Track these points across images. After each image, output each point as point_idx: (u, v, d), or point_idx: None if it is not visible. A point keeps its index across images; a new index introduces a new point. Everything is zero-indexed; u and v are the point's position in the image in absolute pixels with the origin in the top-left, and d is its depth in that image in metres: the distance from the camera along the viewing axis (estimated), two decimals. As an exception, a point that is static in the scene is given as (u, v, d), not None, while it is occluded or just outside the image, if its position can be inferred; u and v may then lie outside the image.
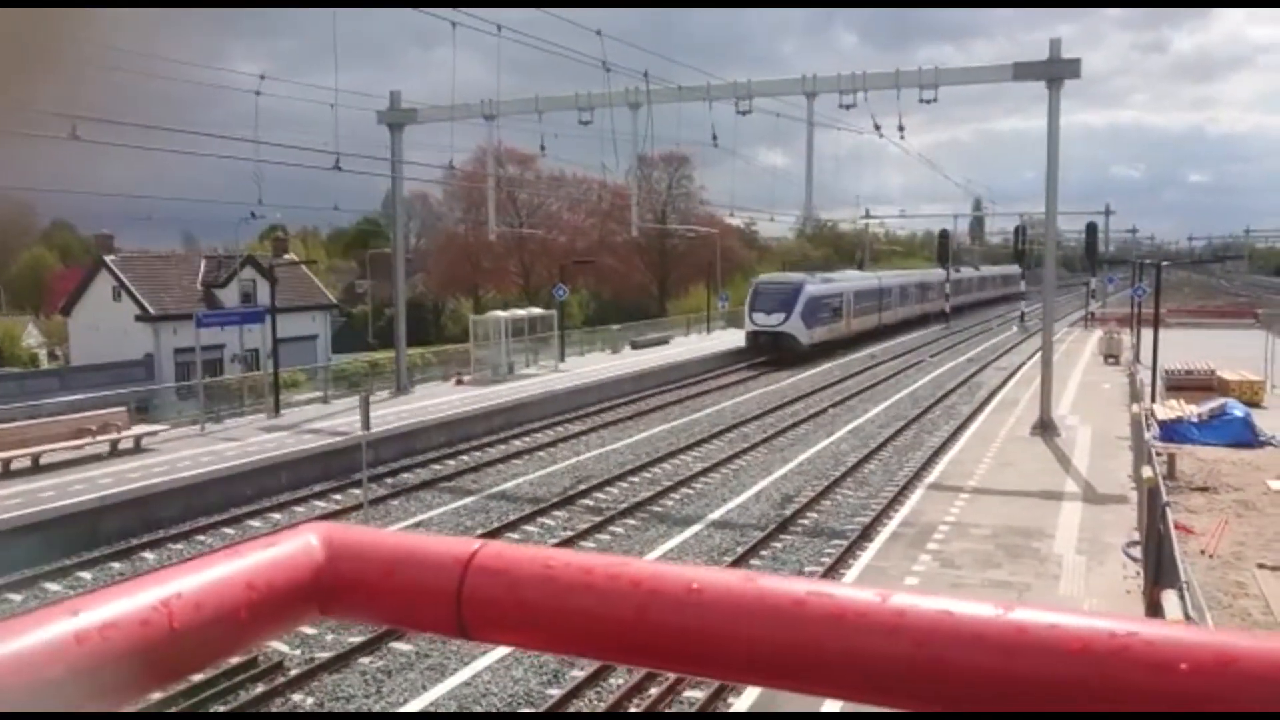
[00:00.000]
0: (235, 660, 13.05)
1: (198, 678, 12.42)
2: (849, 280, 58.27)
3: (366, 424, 20.03)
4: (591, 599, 0.83)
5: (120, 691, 0.76)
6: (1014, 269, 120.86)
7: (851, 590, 0.79)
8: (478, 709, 11.87)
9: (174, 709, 11.85)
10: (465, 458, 26.02)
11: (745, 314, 48.99)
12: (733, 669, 0.81)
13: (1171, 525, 12.76)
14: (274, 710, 12.15)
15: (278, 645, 13.66)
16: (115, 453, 22.92)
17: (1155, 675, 0.67)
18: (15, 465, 21.01)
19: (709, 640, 0.79)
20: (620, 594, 0.83)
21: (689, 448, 26.70)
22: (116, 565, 17.39)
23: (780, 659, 0.78)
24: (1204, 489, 19.52)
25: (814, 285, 49.65)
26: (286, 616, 0.90)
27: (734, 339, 50.62)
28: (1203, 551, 15.51)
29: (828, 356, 48.74)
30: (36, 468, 21.25)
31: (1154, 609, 10.85)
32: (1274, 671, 0.65)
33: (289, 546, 0.92)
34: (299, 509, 21.07)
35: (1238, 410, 24.54)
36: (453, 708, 11.91)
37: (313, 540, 0.93)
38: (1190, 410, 25.19)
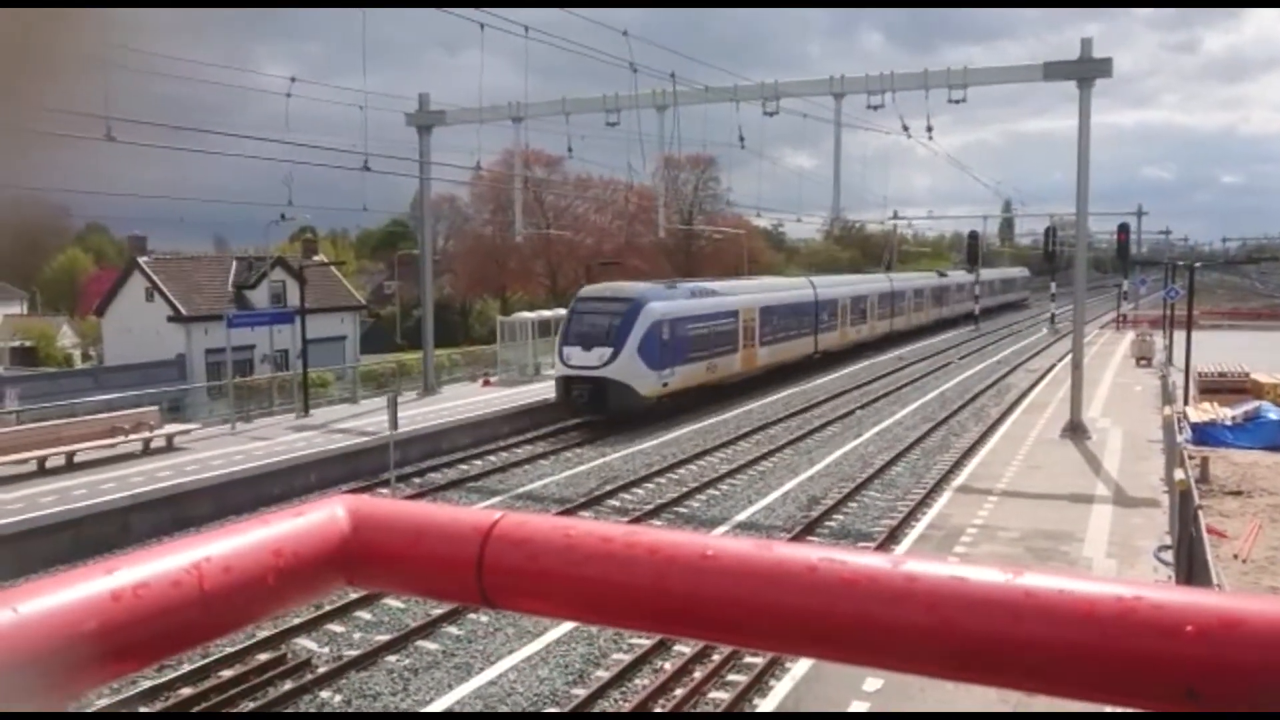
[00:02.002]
0: (262, 621, 13.19)
1: (227, 674, 12.58)
2: (755, 291, 39.96)
3: (394, 424, 20.19)
4: (610, 566, 0.85)
5: (152, 649, 0.79)
6: (1019, 271, 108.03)
7: (863, 557, 0.80)
8: (503, 709, 11.91)
9: (203, 705, 12.00)
10: (492, 458, 26.13)
11: (556, 348, 31.98)
12: (747, 635, 0.83)
13: (1204, 529, 12.61)
14: (288, 711, 12.26)
15: (306, 642, 13.80)
16: (148, 451, 23.21)
17: (1162, 638, 0.68)
18: (50, 464, 21.33)
19: (724, 606, 0.81)
20: (637, 561, 0.84)
21: (715, 449, 26.67)
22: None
23: (793, 625, 0.79)
24: (1237, 493, 19.24)
25: (666, 301, 31.88)
26: (313, 584, 0.92)
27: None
28: (1236, 556, 15.29)
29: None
30: (71, 466, 21.56)
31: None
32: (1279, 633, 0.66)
33: (316, 516, 0.94)
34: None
35: (1272, 413, 24.18)
36: (478, 707, 11.97)
37: (339, 511, 0.96)
38: (1224, 413, 24.85)
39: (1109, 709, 0.77)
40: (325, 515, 0.95)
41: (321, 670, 12.93)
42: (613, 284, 35.31)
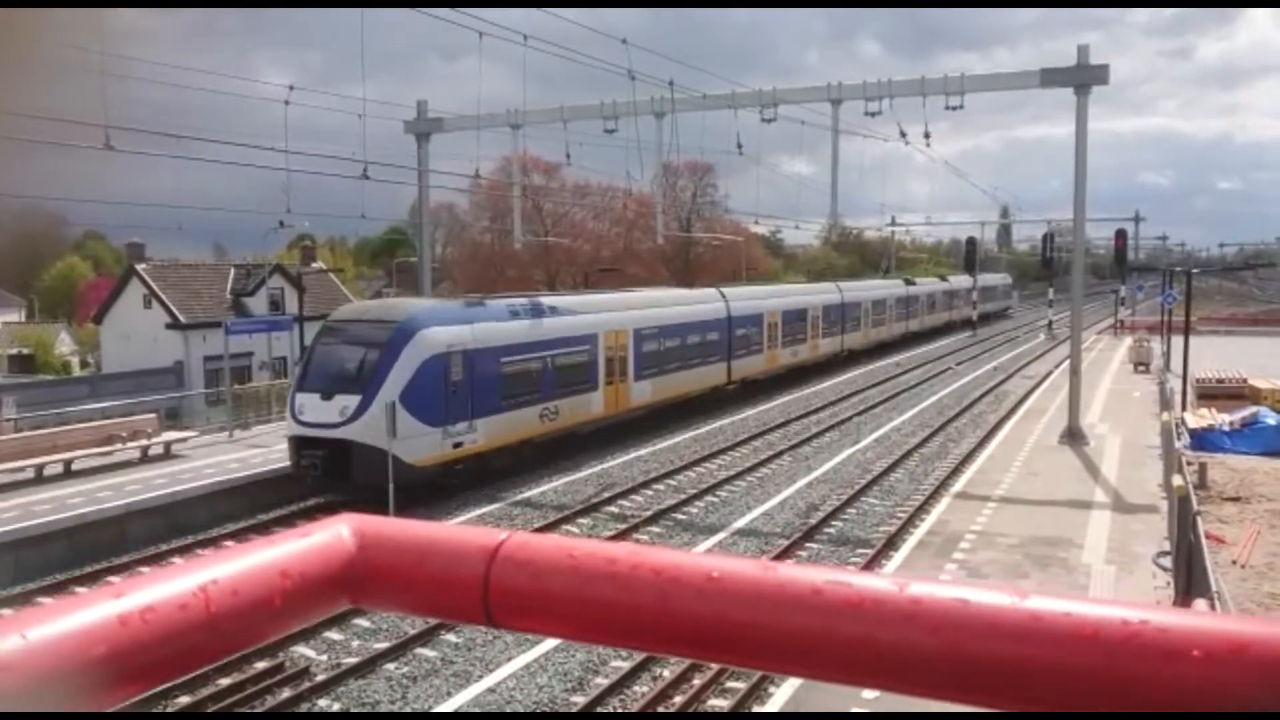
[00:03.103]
0: (269, 643, 13.17)
1: (225, 681, 12.55)
2: (627, 308, 30.22)
3: (393, 432, 20.14)
4: (614, 587, 0.86)
5: (159, 672, 0.79)
6: (1000, 278, 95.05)
7: (869, 579, 0.80)
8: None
9: (201, 714, 11.97)
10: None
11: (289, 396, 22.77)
12: (751, 655, 0.83)
13: (1202, 535, 12.62)
14: (287, 712, 12.23)
15: (304, 650, 13.77)
16: (145, 459, 23.18)
17: (1167, 662, 0.69)
18: (48, 471, 21.30)
19: (728, 627, 0.81)
20: (642, 582, 0.85)
21: (713, 455, 26.66)
22: (146, 570, 17.57)
23: (798, 646, 0.80)
24: (1236, 498, 19.27)
25: (458, 326, 22.69)
26: (319, 604, 0.93)
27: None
28: (1234, 562, 15.31)
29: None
30: (68, 473, 21.52)
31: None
32: None
33: (321, 537, 0.95)
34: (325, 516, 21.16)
35: (1270, 418, 24.23)
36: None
37: (344, 531, 0.96)
38: (1222, 419, 24.90)
39: None
40: (330, 535, 0.95)
41: (320, 678, 12.91)
42: (380, 301, 26.27)
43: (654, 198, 45.70)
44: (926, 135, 28.01)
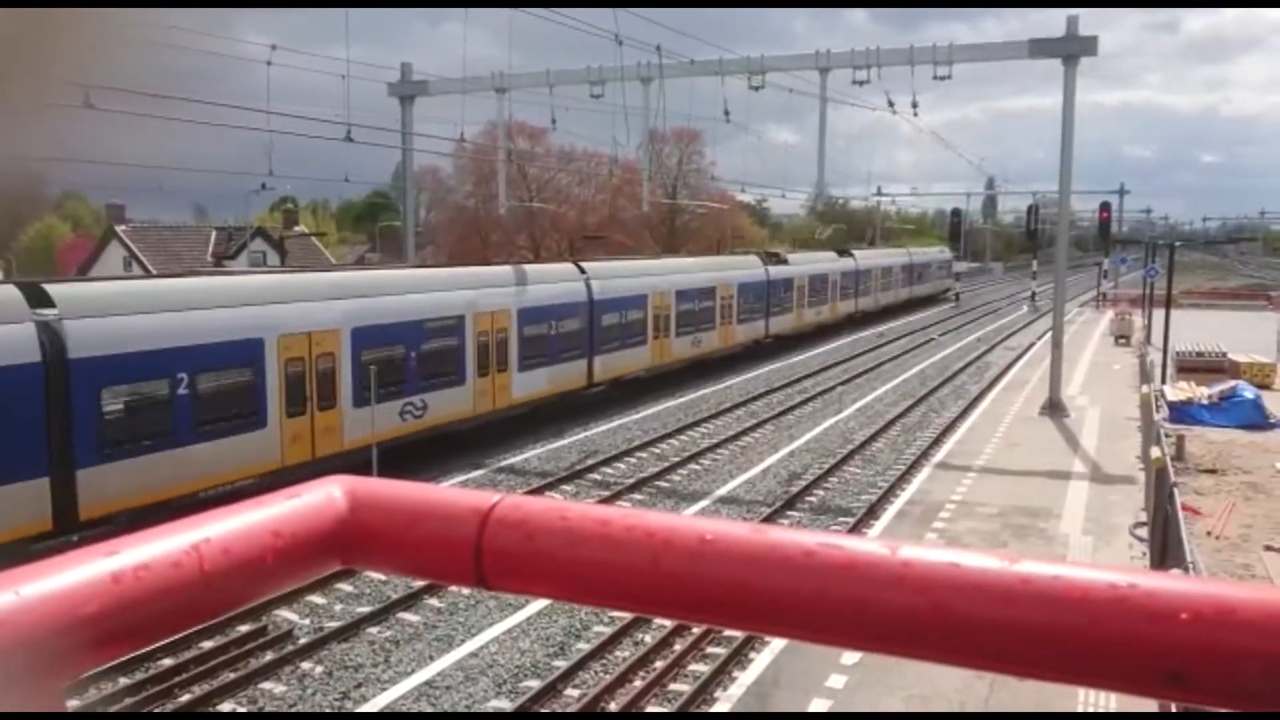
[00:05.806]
0: (260, 602, 13.21)
1: (208, 644, 12.59)
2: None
3: (374, 396, 20.11)
4: (607, 549, 0.86)
5: (152, 630, 0.79)
6: (938, 252, 75.91)
7: (860, 542, 0.81)
8: (484, 680, 11.98)
9: (184, 676, 12.01)
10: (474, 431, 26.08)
11: None
12: (744, 618, 0.84)
13: (1179, 506, 12.78)
14: (274, 712, 12.29)
15: (287, 614, 13.81)
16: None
17: (1154, 624, 0.69)
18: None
19: (721, 589, 0.82)
20: (635, 545, 0.85)
21: (697, 423, 26.75)
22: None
23: (790, 608, 0.80)
24: (1213, 471, 19.51)
25: None
26: (310, 565, 0.93)
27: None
28: (1209, 533, 15.52)
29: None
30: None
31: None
32: (1272, 621, 0.67)
33: (313, 497, 0.94)
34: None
35: (1248, 392, 24.50)
36: (460, 678, 12.03)
37: (335, 492, 0.96)
38: (1200, 392, 25.14)
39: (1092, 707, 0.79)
40: (322, 496, 0.95)
41: (303, 642, 12.96)
42: None
43: (640, 164, 45.45)
44: (914, 105, 27.95)
